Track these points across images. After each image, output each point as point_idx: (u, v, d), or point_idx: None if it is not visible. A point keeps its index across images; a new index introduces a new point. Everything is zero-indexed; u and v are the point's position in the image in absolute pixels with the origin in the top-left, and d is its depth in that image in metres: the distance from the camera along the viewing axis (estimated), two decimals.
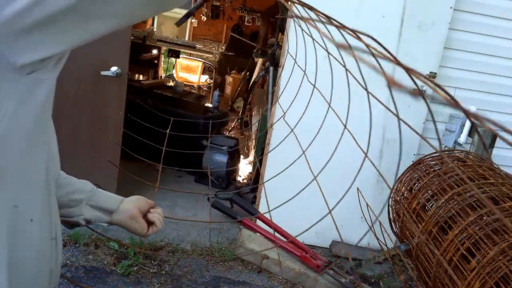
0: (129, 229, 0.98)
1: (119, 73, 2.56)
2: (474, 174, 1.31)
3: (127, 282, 2.31)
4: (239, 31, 8.47)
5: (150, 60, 5.81)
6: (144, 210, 1.00)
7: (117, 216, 0.94)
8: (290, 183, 2.53)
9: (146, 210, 1.01)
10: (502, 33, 2.81)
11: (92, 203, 0.92)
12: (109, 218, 0.94)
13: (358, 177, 2.02)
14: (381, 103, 0.65)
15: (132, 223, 0.96)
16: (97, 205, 0.92)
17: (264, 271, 2.43)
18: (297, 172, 2.28)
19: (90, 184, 0.95)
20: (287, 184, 2.68)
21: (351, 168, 2.09)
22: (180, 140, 3.78)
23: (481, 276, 1.00)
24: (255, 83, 5.04)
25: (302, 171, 2.30)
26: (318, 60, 2.99)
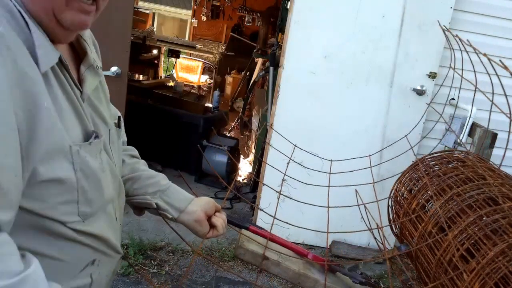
0: (191, 230, 1.05)
1: (119, 73, 2.56)
2: (474, 174, 1.31)
3: (127, 282, 2.31)
4: (239, 31, 8.47)
5: (150, 60, 5.81)
6: (210, 214, 1.05)
7: (183, 216, 1.02)
8: (291, 183, 2.53)
9: (212, 213, 1.06)
10: (502, 33, 2.81)
11: (165, 198, 1.00)
12: (176, 215, 1.01)
13: (358, 178, 2.03)
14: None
15: (196, 225, 1.03)
16: (169, 201, 1.00)
17: (264, 271, 2.43)
18: (297, 171, 2.29)
19: (166, 179, 1.03)
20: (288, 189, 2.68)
21: (351, 168, 2.09)
22: (180, 140, 3.79)
23: (480, 277, 1.00)
24: (255, 83, 5.04)
25: (303, 170, 2.30)
26: (317, 60, 2.99)
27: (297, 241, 3.01)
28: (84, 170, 0.69)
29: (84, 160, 0.69)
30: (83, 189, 0.70)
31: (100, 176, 0.74)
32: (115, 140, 0.87)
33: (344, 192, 1.75)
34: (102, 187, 0.76)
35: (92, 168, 0.71)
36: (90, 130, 0.73)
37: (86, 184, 0.70)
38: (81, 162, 0.69)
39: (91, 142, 0.72)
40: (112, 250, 0.85)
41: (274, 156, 2.73)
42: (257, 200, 3.01)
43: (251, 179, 3.86)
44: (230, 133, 5.32)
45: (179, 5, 12.15)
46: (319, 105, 2.82)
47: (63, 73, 0.69)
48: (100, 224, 0.78)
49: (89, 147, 0.71)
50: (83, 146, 0.70)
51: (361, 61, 2.75)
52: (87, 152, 0.71)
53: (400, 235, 1.58)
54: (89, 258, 0.78)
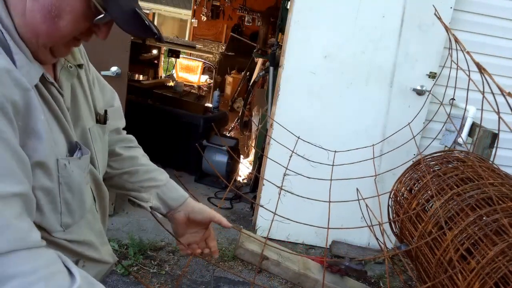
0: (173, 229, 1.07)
1: (119, 73, 2.56)
2: (474, 174, 1.31)
3: (127, 282, 2.31)
4: (239, 31, 8.47)
5: (150, 60, 5.81)
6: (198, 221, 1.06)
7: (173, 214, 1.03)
8: (292, 184, 2.53)
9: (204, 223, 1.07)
10: (502, 33, 2.81)
11: (159, 194, 1.02)
12: (165, 211, 1.03)
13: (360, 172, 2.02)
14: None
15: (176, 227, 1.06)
16: (163, 197, 1.02)
17: (264, 271, 2.43)
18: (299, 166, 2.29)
19: (165, 175, 1.05)
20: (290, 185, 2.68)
21: (351, 168, 2.09)
22: (180, 140, 3.79)
23: (480, 277, 1.00)
24: (255, 83, 5.04)
25: (304, 166, 2.30)
26: (317, 60, 2.99)
27: (297, 241, 3.01)
28: (69, 184, 0.71)
29: (70, 174, 0.71)
30: (67, 201, 0.72)
31: (83, 189, 0.76)
32: (97, 138, 0.86)
33: (345, 191, 1.75)
34: (85, 199, 0.77)
35: (76, 182, 0.73)
36: (74, 141, 0.74)
37: (69, 197, 0.72)
38: (67, 176, 0.70)
39: (81, 157, 0.74)
40: (97, 254, 0.86)
41: (275, 152, 2.73)
42: (257, 200, 3.01)
43: (251, 179, 3.86)
44: (230, 133, 5.32)
45: (179, 5, 12.15)
46: (319, 105, 2.82)
47: (47, 87, 0.70)
48: (81, 230, 0.80)
49: (79, 161, 0.73)
50: (72, 160, 0.72)
51: (361, 61, 2.75)
52: (75, 166, 0.72)
53: (400, 234, 1.58)
54: (72, 259, 0.78)
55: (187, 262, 2.56)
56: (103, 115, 0.90)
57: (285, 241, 2.96)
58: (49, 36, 0.65)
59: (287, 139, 2.92)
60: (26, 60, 0.64)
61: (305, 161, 2.35)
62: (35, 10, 0.63)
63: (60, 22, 0.64)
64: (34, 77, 0.65)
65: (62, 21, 0.64)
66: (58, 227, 0.72)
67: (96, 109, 0.87)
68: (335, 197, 1.69)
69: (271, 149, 2.85)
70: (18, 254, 0.55)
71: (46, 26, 0.64)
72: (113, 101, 1.01)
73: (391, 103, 2.82)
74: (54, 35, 0.65)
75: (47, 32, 0.65)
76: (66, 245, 0.76)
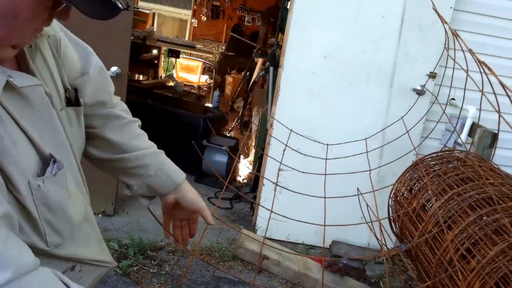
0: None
1: (119, 73, 2.56)
2: (474, 174, 1.31)
3: (127, 282, 2.31)
4: (239, 31, 8.47)
5: (150, 60, 5.81)
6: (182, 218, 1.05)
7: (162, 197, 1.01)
8: (290, 183, 2.53)
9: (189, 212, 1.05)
10: (502, 33, 2.81)
11: (149, 184, 0.97)
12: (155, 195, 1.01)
13: (358, 177, 2.02)
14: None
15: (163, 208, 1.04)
16: (153, 186, 0.97)
17: (264, 271, 2.43)
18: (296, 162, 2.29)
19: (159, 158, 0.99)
20: (286, 183, 2.68)
21: (354, 164, 2.09)
22: (180, 140, 3.79)
23: (481, 277, 1.00)
24: (255, 83, 5.04)
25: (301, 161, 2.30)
26: (317, 60, 2.99)
27: (297, 241, 3.01)
28: (47, 204, 0.67)
29: (46, 194, 0.66)
30: (49, 222, 0.68)
31: (66, 204, 0.71)
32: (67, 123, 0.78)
33: (344, 190, 1.75)
34: (70, 214, 0.73)
35: (55, 200, 0.68)
36: (47, 153, 0.69)
37: (51, 217, 0.68)
38: (43, 197, 0.66)
39: (56, 173, 0.68)
40: (95, 258, 0.83)
41: (275, 152, 2.73)
42: (257, 200, 3.02)
43: (251, 179, 3.86)
44: (230, 133, 5.32)
45: (179, 5, 12.15)
46: (319, 105, 2.82)
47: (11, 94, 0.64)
48: (73, 247, 0.76)
49: (54, 178, 0.68)
50: (46, 179, 0.67)
51: (361, 61, 2.75)
52: (51, 184, 0.67)
53: (400, 234, 1.58)
54: (68, 265, 0.77)
55: (188, 263, 2.56)
56: (73, 93, 0.80)
57: (285, 241, 2.96)
58: (9, 37, 0.61)
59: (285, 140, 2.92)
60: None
61: (301, 157, 2.36)
62: None
63: (18, 21, 0.59)
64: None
65: (20, 19, 0.59)
66: (43, 245, 0.68)
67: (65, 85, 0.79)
68: (335, 193, 1.69)
69: (271, 149, 2.85)
70: (14, 284, 0.53)
71: (5, 30, 0.59)
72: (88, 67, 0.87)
73: (391, 103, 2.82)
74: (15, 34, 0.61)
75: (7, 35, 0.60)
76: (61, 256, 0.73)
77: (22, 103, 0.66)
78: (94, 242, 0.85)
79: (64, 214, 0.71)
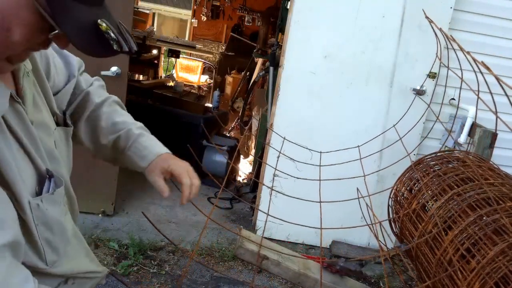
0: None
1: (119, 73, 2.56)
2: (474, 174, 1.31)
3: (127, 282, 2.31)
4: (239, 31, 8.47)
5: (150, 60, 5.81)
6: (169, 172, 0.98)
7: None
8: (287, 185, 2.53)
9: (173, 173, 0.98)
10: (502, 33, 2.81)
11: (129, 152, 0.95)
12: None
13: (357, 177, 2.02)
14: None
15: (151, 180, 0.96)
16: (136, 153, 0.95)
17: (264, 271, 2.43)
18: (292, 168, 2.29)
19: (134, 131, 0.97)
20: (283, 184, 2.68)
21: (351, 167, 2.09)
22: (180, 140, 3.78)
23: (481, 277, 1.00)
24: (255, 83, 5.04)
25: (295, 171, 2.30)
26: (317, 60, 2.99)
27: (297, 241, 3.02)
28: (46, 222, 0.67)
29: (45, 213, 0.67)
30: (47, 240, 0.68)
31: (63, 221, 0.72)
32: (59, 142, 0.81)
33: (342, 192, 1.75)
34: (66, 230, 0.74)
35: (54, 218, 0.69)
36: (43, 169, 0.69)
37: (49, 235, 0.68)
38: (42, 216, 0.66)
39: (54, 192, 0.69)
40: (86, 270, 0.84)
41: (275, 151, 2.73)
42: (257, 200, 3.02)
43: (251, 179, 3.86)
44: (230, 133, 5.32)
45: (179, 5, 12.15)
46: (319, 105, 2.82)
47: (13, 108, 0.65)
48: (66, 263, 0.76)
49: (52, 197, 0.69)
50: (45, 198, 0.67)
51: (361, 61, 2.75)
52: (49, 203, 0.68)
53: (400, 234, 1.58)
54: (61, 280, 0.77)
55: (188, 263, 2.56)
56: (61, 116, 0.84)
57: (285, 241, 2.96)
58: (2, 48, 0.60)
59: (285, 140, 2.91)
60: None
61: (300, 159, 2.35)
62: None
63: (12, 35, 0.59)
64: (3, 104, 0.62)
65: (15, 34, 0.59)
66: (43, 265, 0.69)
67: (53, 109, 0.82)
68: (333, 197, 1.69)
69: (271, 149, 2.85)
70: None
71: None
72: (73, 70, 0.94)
73: (391, 103, 2.82)
74: (8, 47, 0.60)
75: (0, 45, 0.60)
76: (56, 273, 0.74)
77: (20, 118, 0.66)
78: (82, 254, 0.86)
79: (61, 231, 0.71)
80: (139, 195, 3.20)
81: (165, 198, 1.12)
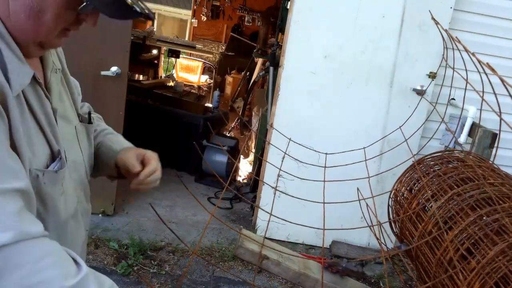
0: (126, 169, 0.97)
1: (119, 73, 2.56)
2: (474, 174, 1.31)
3: (127, 282, 2.31)
4: (239, 31, 8.47)
5: (150, 60, 5.81)
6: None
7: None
8: (290, 185, 2.53)
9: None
10: (502, 33, 2.81)
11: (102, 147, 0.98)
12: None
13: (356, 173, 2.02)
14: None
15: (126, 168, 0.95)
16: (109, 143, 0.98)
17: (264, 271, 2.43)
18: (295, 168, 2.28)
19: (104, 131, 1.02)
20: (286, 184, 2.68)
21: (353, 168, 2.09)
22: (180, 140, 3.79)
23: (481, 277, 1.00)
24: (255, 83, 5.04)
25: (301, 167, 2.30)
26: (317, 60, 2.99)
27: (297, 241, 3.02)
28: (40, 195, 0.69)
29: (41, 185, 0.69)
30: (38, 212, 0.70)
31: (57, 200, 0.74)
32: (82, 137, 0.87)
33: (344, 192, 1.75)
34: (59, 210, 0.75)
35: (48, 194, 0.71)
36: (56, 149, 0.73)
37: (40, 207, 0.70)
38: (37, 187, 0.68)
39: (58, 171, 0.72)
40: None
41: (275, 151, 2.73)
42: (257, 200, 3.02)
43: (251, 179, 3.86)
44: (230, 133, 5.32)
45: (179, 5, 12.15)
46: (319, 105, 2.82)
47: (35, 89, 0.70)
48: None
49: (54, 175, 0.72)
50: (47, 172, 0.70)
51: (361, 61, 2.75)
52: (49, 179, 0.71)
53: (400, 234, 1.58)
54: None
55: (188, 263, 2.56)
56: (86, 118, 0.91)
57: (285, 241, 2.96)
58: (36, 32, 0.65)
59: (286, 140, 2.91)
60: (18, 63, 0.65)
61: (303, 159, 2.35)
62: (18, 10, 0.63)
63: (44, 16, 0.63)
64: (25, 79, 0.66)
65: (46, 15, 0.63)
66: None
67: (77, 111, 0.89)
68: (334, 197, 1.69)
69: (271, 149, 2.85)
70: (24, 244, 0.56)
71: (31, 24, 0.64)
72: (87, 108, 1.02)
73: (391, 103, 2.82)
74: (41, 30, 0.65)
75: (34, 29, 0.65)
76: None
77: (40, 101, 0.71)
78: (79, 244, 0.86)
79: (53, 208, 0.74)
80: (139, 195, 3.20)
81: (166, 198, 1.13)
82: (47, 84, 0.76)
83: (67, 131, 0.80)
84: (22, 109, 0.65)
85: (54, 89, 0.77)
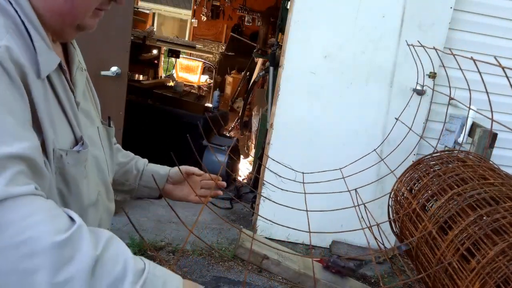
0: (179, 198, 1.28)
1: (119, 73, 2.56)
2: (474, 174, 1.31)
3: None
4: (239, 31, 8.47)
5: (150, 60, 5.80)
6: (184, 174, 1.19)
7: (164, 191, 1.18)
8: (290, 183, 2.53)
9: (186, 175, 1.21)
10: (502, 33, 2.81)
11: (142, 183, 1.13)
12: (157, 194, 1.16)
13: (358, 177, 2.02)
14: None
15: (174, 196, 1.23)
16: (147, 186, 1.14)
17: (264, 271, 2.43)
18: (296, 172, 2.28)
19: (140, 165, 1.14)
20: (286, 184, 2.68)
21: (351, 167, 2.09)
22: (180, 140, 3.78)
23: (481, 276, 1.00)
24: (255, 83, 5.04)
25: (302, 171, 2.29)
26: (317, 60, 2.99)
27: (297, 241, 3.02)
28: (64, 175, 0.70)
29: (65, 165, 0.69)
30: (61, 193, 0.71)
31: (80, 182, 0.74)
32: (104, 137, 0.89)
33: (343, 193, 1.75)
34: (82, 193, 0.75)
35: (71, 174, 0.71)
36: (79, 135, 0.75)
37: (63, 188, 0.71)
38: (61, 167, 0.69)
39: (80, 151, 0.73)
40: None
41: (275, 151, 2.73)
42: (257, 200, 3.02)
43: (251, 179, 3.86)
44: (230, 133, 5.32)
45: (179, 5, 12.15)
46: (319, 105, 2.82)
47: (60, 77, 0.71)
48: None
49: (77, 155, 0.72)
50: (70, 152, 0.70)
51: (361, 61, 2.75)
52: (72, 159, 0.71)
53: (400, 234, 1.58)
54: None
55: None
56: (106, 120, 0.94)
57: (285, 241, 2.96)
58: (73, 13, 0.67)
59: (286, 140, 2.92)
60: (45, 48, 0.66)
61: (305, 163, 2.35)
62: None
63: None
64: (52, 65, 0.67)
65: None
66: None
67: (99, 113, 0.92)
68: (333, 197, 1.69)
69: (271, 149, 2.85)
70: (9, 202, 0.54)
71: (69, 5, 0.66)
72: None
73: (391, 103, 2.82)
74: (78, 11, 0.67)
75: (71, 10, 0.67)
76: None
77: (64, 90, 0.72)
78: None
79: (76, 190, 0.74)
80: None
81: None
82: (72, 78, 0.77)
83: (90, 130, 0.82)
84: (45, 92, 0.66)
85: (79, 86, 0.79)
